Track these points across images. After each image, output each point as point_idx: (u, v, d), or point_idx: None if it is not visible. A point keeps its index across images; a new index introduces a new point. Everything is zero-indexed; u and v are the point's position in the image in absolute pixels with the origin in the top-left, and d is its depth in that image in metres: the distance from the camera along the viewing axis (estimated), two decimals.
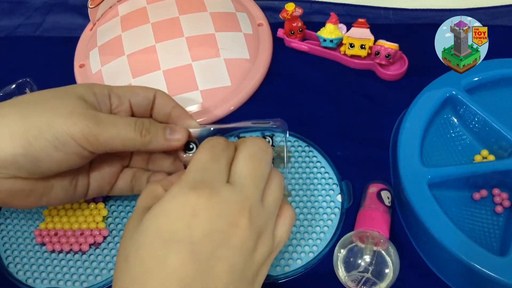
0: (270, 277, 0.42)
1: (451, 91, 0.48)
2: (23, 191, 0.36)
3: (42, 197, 0.38)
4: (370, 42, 0.54)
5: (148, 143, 0.37)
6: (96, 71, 0.57)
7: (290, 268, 0.43)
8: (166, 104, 0.41)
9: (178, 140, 0.38)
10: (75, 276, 0.43)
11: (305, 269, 0.43)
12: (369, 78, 0.55)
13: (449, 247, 0.39)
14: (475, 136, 0.49)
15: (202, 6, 0.59)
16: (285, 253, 0.43)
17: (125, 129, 0.36)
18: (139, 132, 0.36)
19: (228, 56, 0.55)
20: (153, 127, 0.37)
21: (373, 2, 0.63)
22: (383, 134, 0.51)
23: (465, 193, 0.45)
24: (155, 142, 0.37)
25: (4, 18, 0.67)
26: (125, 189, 0.42)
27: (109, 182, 0.42)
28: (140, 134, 0.36)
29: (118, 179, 0.42)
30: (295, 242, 0.44)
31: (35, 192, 0.37)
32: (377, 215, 0.42)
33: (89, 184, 0.41)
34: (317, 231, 0.44)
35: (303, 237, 0.44)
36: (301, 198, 0.46)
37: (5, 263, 0.44)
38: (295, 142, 0.50)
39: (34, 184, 0.36)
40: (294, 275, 0.42)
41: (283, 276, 0.42)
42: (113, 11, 0.62)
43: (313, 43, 0.58)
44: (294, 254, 0.43)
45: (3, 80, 0.57)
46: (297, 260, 0.43)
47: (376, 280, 0.39)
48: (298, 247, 0.44)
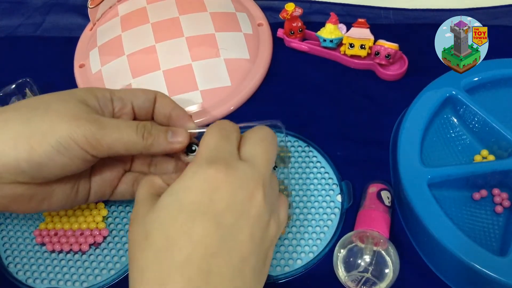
0: (270, 277, 0.42)
1: (451, 91, 0.48)
2: (24, 196, 0.36)
3: (43, 202, 0.38)
4: (370, 42, 0.54)
5: (150, 146, 0.37)
6: (96, 71, 0.57)
7: (290, 268, 0.42)
8: (166, 106, 0.41)
9: (180, 143, 0.38)
10: (75, 276, 0.43)
11: (305, 269, 0.42)
12: (369, 78, 0.55)
13: (449, 247, 0.39)
14: (475, 136, 0.49)
15: (202, 6, 0.59)
16: (285, 253, 0.43)
17: (128, 132, 0.36)
18: (141, 135, 0.36)
19: (228, 56, 0.55)
20: (155, 130, 0.37)
21: (373, 2, 0.63)
22: (383, 134, 0.51)
23: (465, 193, 0.45)
24: (157, 144, 0.37)
25: (4, 18, 0.67)
26: (127, 193, 0.42)
27: (110, 186, 0.42)
28: (142, 137, 0.36)
29: (119, 183, 0.42)
30: (295, 242, 0.44)
31: (36, 197, 0.37)
32: (377, 215, 0.42)
33: (91, 188, 0.41)
34: (317, 231, 0.44)
35: (303, 237, 0.44)
36: (301, 198, 0.46)
37: (5, 263, 0.44)
38: (295, 142, 0.50)
39: (36, 189, 0.36)
40: (294, 275, 0.42)
41: (283, 276, 0.42)
42: (113, 11, 0.62)
43: (313, 43, 0.58)
44: (294, 254, 0.43)
45: (3, 80, 0.57)
46: (297, 260, 0.43)
47: (376, 280, 0.39)
48: (298, 247, 0.44)
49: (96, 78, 0.56)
